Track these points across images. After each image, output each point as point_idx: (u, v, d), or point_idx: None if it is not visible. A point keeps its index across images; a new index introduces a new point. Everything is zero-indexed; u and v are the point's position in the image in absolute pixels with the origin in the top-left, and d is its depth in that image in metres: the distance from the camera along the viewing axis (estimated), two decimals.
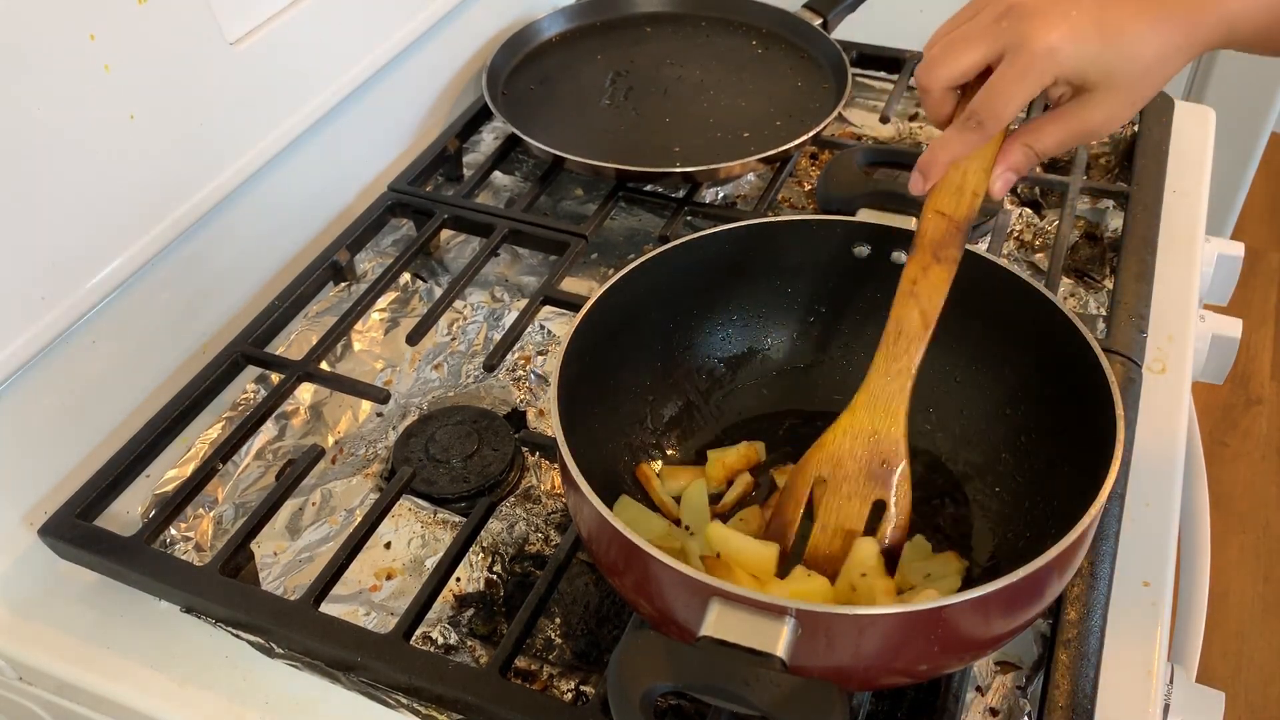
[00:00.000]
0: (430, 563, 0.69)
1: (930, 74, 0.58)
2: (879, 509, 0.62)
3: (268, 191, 0.84)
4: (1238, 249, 0.96)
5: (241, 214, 0.82)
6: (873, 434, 0.62)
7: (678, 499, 0.68)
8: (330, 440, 0.78)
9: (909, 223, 0.70)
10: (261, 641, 0.63)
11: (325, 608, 0.63)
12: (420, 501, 0.72)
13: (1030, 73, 0.54)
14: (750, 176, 0.99)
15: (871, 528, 0.62)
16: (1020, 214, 0.91)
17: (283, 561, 0.69)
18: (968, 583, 0.63)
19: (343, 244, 0.86)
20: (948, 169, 0.60)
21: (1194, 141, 0.97)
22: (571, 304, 0.80)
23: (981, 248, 0.71)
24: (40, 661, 0.65)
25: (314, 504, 0.73)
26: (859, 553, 0.61)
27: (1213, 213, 0.94)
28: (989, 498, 0.68)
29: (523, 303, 0.84)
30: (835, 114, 0.95)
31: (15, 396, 0.68)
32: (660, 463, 0.71)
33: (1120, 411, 0.56)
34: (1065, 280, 0.85)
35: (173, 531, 0.70)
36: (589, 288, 0.86)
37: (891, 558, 0.61)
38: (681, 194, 0.93)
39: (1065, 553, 0.50)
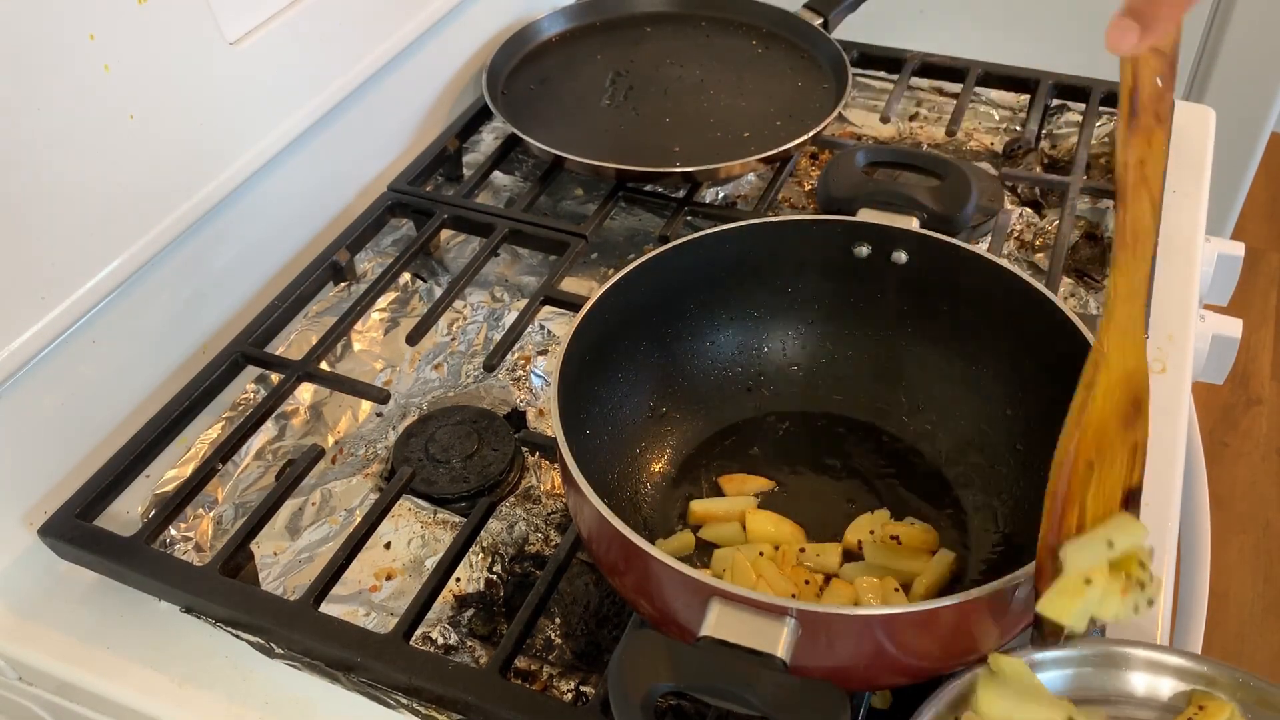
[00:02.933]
0: (430, 563, 0.69)
1: None
2: None
3: (268, 191, 0.84)
4: (1238, 249, 0.96)
5: (241, 214, 0.82)
6: (1125, 379, 0.50)
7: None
8: (330, 440, 0.78)
9: (909, 223, 0.70)
10: (261, 641, 0.63)
11: (325, 608, 0.63)
12: (420, 501, 0.72)
13: None
14: (750, 176, 0.99)
15: None
16: (1020, 214, 0.91)
17: (283, 561, 0.69)
18: (971, 582, 0.63)
19: (343, 244, 0.86)
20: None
21: (1194, 141, 0.97)
22: (571, 304, 0.80)
23: (982, 248, 0.71)
24: (40, 661, 0.65)
25: (314, 504, 0.73)
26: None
27: (1213, 213, 0.93)
28: (989, 497, 0.68)
29: (523, 303, 0.84)
30: (835, 114, 0.95)
31: (15, 396, 0.68)
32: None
33: None
34: (1065, 280, 0.85)
35: (173, 532, 0.70)
36: (589, 288, 0.86)
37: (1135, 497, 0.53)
38: (681, 194, 0.93)
39: None
